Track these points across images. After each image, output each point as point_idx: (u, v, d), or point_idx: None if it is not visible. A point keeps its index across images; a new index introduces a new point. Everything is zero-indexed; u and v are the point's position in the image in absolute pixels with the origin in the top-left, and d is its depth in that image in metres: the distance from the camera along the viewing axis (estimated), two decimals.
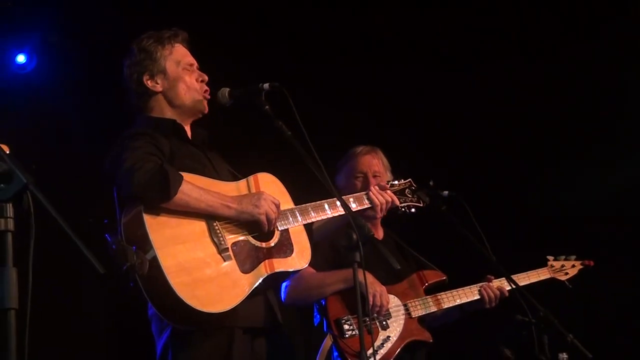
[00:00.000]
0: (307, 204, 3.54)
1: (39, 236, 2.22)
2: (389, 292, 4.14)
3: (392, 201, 3.95)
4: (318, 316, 4.18)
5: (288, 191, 3.57)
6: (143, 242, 3.02)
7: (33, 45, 5.89)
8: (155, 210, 3.10)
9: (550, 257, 4.66)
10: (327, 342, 4.03)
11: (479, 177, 6.30)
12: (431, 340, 4.21)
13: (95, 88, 5.75)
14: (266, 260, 3.31)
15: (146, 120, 3.51)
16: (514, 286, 4.19)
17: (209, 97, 3.57)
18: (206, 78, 3.59)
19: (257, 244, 3.31)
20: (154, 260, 2.99)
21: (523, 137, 6.44)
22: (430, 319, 4.32)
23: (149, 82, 3.50)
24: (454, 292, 4.34)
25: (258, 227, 3.30)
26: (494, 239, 4.17)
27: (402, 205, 4.05)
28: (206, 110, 3.58)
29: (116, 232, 3.13)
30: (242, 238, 3.28)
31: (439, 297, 4.29)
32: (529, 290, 4.14)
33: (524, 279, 4.48)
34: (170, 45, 3.55)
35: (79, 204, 4.98)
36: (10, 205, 2.22)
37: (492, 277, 4.38)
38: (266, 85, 3.36)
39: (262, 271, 3.28)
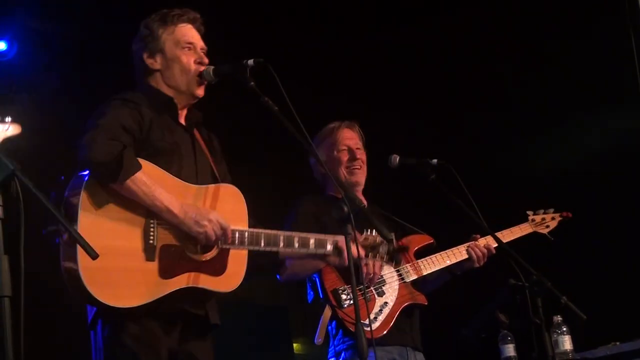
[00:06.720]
0: (261, 230, 3.40)
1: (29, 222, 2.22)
2: None
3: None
4: (312, 293, 4.19)
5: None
6: (72, 214, 2.99)
7: (14, 32, 5.84)
8: (99, 190, 3.06)
9: (530, 212, 4.73)
10: (327, 312, 4.03)
11: (457, 141, 6.35)
12: (426, 303, 4.25)
13: (78, 74, 5.70)
14: (192, 273, 3.19)
15: (146, 87, 3.49)
16: (501, 246, 4.24)
17: (200, 73, 3.48)
18: (206, 61, 3.53)
19: (190, 254, 3.21)
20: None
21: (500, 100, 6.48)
22: (421, 283, 4.34)
23: (148, 59, 3.50)
24: (443, 253, 4.37)
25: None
26: (475, 201, 4.19)
27: None
28: (201, 94, 3.53)
29: (62, 193, 3.08)
30: (176, 243, 3.18)
31: (429, 260, 4.33)
32: (521, 254, 4.15)
33: (508, 234, 4.55)
34: (173, 25, 3.53)
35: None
36: None
37: (478, 236, 4.42)
38: (251, 62, 3.32)
39: (183, 281, 3.16)
